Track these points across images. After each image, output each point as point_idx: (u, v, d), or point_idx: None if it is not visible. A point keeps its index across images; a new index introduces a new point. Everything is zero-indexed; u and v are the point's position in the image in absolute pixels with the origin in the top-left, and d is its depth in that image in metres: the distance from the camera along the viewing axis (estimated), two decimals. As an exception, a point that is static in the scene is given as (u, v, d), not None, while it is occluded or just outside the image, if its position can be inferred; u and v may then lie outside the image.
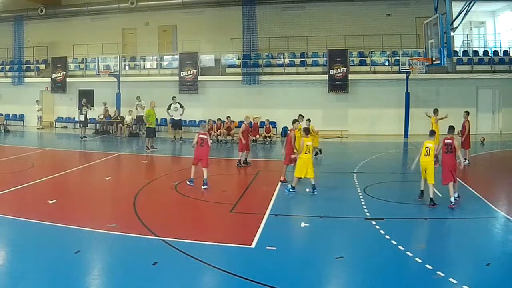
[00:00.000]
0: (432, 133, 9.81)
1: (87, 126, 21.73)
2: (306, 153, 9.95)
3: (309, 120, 13.63)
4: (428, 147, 9.20)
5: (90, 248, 6.92)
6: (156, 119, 18.30)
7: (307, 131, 10.33)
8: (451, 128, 9.35)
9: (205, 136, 10.72)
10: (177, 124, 20.63)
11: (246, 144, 13.55)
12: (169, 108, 20.45)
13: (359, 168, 13.21)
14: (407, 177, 11.02)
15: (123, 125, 22.24)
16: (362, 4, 22.83)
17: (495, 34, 23.56)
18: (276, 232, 7.70)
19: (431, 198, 9.02)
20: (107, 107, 23.35)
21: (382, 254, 6.69)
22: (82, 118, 20.82)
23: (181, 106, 20.52)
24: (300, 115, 12.88)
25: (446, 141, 9.10)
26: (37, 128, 25.18)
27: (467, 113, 14.00)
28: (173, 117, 20.57)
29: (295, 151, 10.65)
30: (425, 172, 9.18)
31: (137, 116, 21.88)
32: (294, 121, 11.75)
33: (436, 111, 14.64)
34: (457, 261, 6.47)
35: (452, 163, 9.00)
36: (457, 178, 9.29)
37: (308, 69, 22.59)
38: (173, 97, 20.86)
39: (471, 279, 5.71)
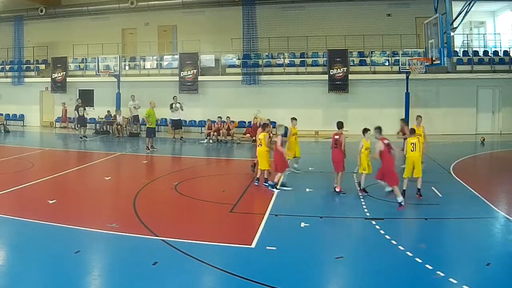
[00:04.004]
0: (413, 131, 10.38)
1: (86, 126, 21.74)
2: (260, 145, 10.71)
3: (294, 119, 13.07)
4: (413, 143, 9.78)
5: (90, 248, 6.92)
6: (156, 119, 18.31)
7: (264, 126, 11.19)
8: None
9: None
10: (177, 124, 20.66)
11: None
12: (171, 107, 20.51)
13: (358, 168, 13.17)
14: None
15: (123, 126, 22.22)
16: (362, 4, 22.83)
17: (495, 34, 23.55)
18: (276, 232, 7.70)
19: (418, 189, 9.72)
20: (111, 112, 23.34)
21: (382, 254, 6.69)
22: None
23: (181, 107, 20.56)
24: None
25: (334, 136, 10.44)
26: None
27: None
28: (172, 117, 20.65)
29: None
30: (413, 167, 9.69)
31: (132, 116, 21.94)
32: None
33: (418, 117, 12.81)
34: (457, 261, 6.47)
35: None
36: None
37: (308, 69, 22.59)
38: (174, 97, 20.94)
39: (471, 279, 5.71)
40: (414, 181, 9.81)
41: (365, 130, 10.34)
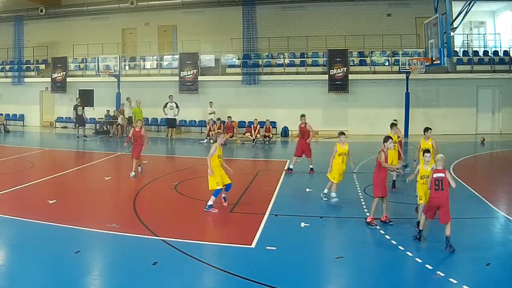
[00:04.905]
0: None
1: (85, 126, 21.74)
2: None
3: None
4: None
5: (90, 248, 6.92)
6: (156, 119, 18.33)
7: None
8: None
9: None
10: (172, 123, 20.77)
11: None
12: (165, 106, 20.60)
13: (359, 168, 13.18)
14: (407, 177, 11.00)
15: (123, 126, 22.23)
16: (362, 4, 22.85)
17: (495, 34, 23.55)
18: (276, 232, 7.70)
19: None
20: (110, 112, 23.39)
21: (382, 254, 6.69)
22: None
23: (177, 106, 20.64)
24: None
25: None
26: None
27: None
28: (167, 116, 20.74)
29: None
30: None
31: (128, 117, 22.02)
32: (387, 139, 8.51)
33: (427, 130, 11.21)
34: (457, 261, 6.46)
35: None
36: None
37: (308, 69, 22.59)
38: (170, 96, 21.02)
39: (471, 279, 5.72)
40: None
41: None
